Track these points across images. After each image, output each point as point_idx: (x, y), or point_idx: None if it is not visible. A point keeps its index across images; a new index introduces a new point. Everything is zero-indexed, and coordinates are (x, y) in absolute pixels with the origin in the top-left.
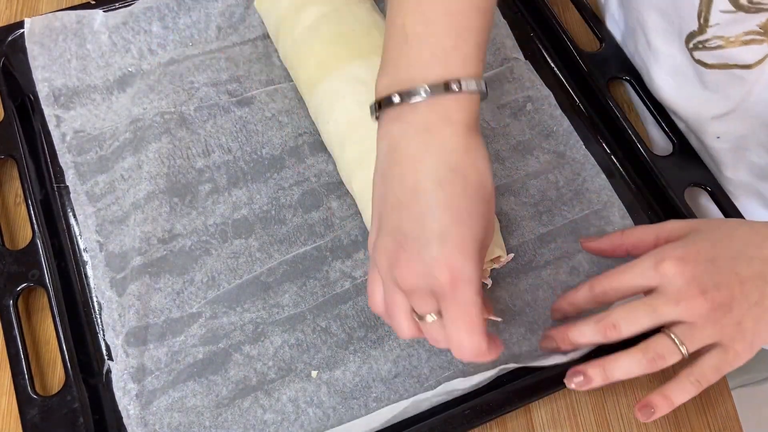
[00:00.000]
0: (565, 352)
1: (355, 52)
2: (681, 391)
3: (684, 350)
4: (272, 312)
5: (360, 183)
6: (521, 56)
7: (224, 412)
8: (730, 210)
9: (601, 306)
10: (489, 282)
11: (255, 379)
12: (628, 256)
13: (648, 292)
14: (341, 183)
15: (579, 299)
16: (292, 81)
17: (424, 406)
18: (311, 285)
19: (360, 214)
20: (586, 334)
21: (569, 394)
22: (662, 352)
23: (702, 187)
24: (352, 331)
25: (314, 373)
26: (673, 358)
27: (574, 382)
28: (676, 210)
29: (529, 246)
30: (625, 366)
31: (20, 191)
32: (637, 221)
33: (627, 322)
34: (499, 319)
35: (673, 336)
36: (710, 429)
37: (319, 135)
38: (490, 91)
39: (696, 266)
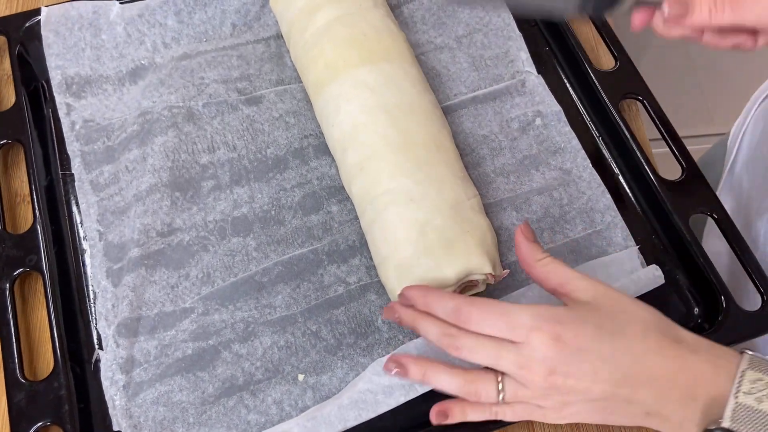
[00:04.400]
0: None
1: (365, 57)
2: (480, 414)
3: (501, 398)
4: (264, 312)
5: (359, 187)
6: (534, 70)
7: (209, 409)
8: (734, 238)
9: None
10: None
11: (242, 379)
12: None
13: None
14: (343, 187)
15: (445, 306)
16: (302, 82)
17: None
18: (305, 288)
19: (358, 220)
20: (430, 332)
21: None
22: (481, 393)
23: (708, 215)
24: (342, 337)
25: (301, 377)
26: (488, 401)
27: (392, 369)
28: (680, 235)
29: None
30: (444, 383)
31: (26, 176)
32: (641, 243)
33: (470, 351)
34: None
35: (500, 384)
36: None
37: (324, 138)
38: (500, 103)
39: (563, 350)
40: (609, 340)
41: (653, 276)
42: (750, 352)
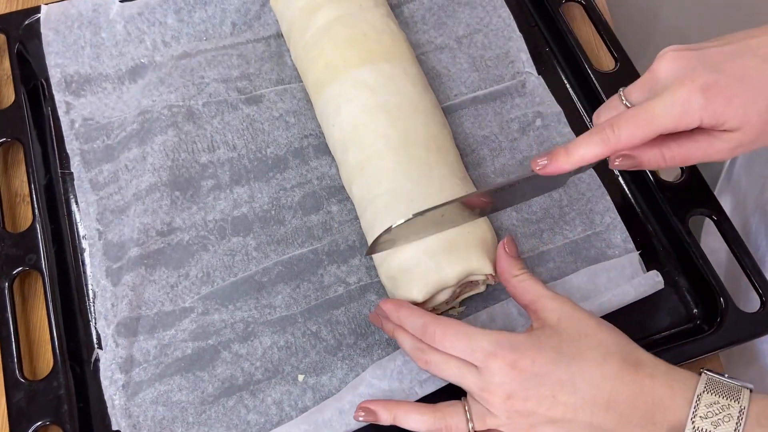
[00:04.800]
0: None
1: (365, 56)
2: None
3: (471, 428)
4: (264, 312)
5: (360, 188)
6: (534, 71)
7: (208, 409)
8: (733, 240)
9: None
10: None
11: (241, 379)
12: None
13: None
14: (343, 187)
15: (414, 323)
16: (302, 82)
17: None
18: (305, 288)
19: (359, 220)
20: (405, 344)
21: None
22: (452, 426)
23: (707, 216)
24: (342, 337)
25: (301, 377)
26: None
27: (360, 416)
28: (680, 237)
29: (527, 264)
30: (414, 421)
31: (25, 175)
32: (640, 245)
33: (437, 367)
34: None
35: (467, 412)
36: None
37: (325, 138)
38: (500, 104)
39: (519, 375)
40: (567, 364)
41: (653, 281)
42: (708, 373)
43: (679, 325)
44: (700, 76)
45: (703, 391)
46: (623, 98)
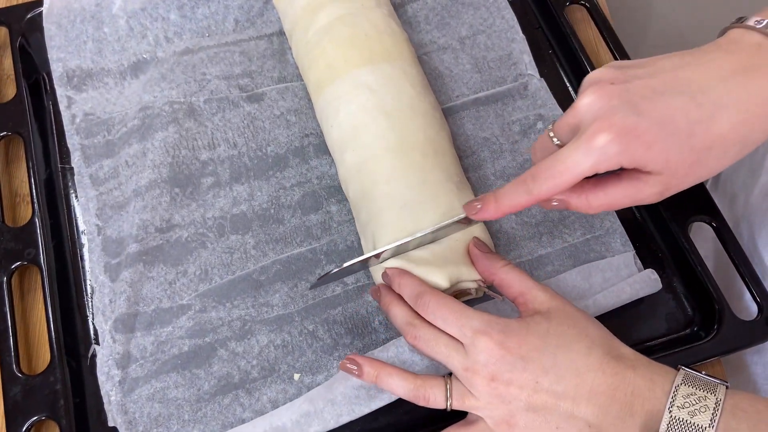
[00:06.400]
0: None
1: (365, 57)
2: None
3: (449, 405)
4: (261, 311)
5: (356, 189)
6: (536, 73)
7: (204, 407)
8: (732, 247)
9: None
10: None
11: (237, 377)
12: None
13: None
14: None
15: (412, 290)
16: (303, 80)
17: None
18: (302, 287)
19: None
20: (397, 318)
21: None
22: (430, 397)
23: (707, 223)
24: (339, 337)
25: (296, 376)
26: (436, 406)
27: (347, 366)
28: (679, 243)
29: (525, 267)
30: (395, 384)
31: (25, 169)
32: (639, 250)
33: (426, 343)
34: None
35: (448, 389)
36: None
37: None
38: (502, 106)
39: (505, 356)
40: (552, 352)
41: (649, 280)
42: (685, 369)
43: (677, 331)
44: (620, 119)
45: (681, 383)
46: (552, 136)
